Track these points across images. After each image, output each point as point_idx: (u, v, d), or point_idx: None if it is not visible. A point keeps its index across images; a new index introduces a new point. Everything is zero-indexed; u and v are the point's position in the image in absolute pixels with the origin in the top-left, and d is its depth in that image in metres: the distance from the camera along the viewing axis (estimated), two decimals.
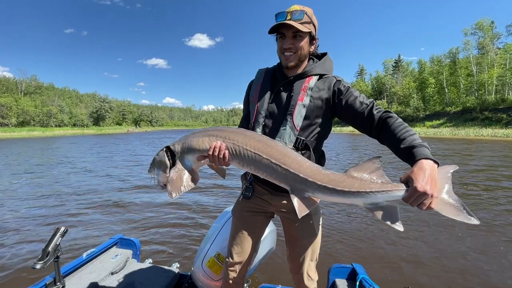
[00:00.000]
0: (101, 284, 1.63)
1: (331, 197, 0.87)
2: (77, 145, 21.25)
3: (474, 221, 0.74)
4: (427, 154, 0.79)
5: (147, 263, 1.99)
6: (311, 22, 1.06)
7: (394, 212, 0.82)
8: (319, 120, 1.11)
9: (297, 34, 1.05)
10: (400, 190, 0.79)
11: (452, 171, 0.83)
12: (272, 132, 1.13)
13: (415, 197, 0.75)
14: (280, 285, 1.70)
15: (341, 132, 48.79)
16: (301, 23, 1.03)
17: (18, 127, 51.18)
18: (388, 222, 0.81)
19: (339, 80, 1.10)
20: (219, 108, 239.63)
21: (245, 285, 1.72)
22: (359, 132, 1.14)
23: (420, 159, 0.78)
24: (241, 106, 1.40)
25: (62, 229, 1.33)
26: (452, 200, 0.79)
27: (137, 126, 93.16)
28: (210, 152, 0.97)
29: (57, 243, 1.29)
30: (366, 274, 1.64)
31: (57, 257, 1.29)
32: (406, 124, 0.93)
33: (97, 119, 73.72)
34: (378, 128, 0.98)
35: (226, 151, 0.97)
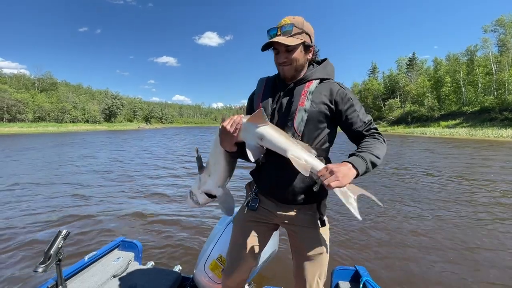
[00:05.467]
0: (103, 287, 1.62)
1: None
2: (95, 140, 21.61)
3: (358, 217, 0.91)
4: (355, 162, 0.93)
5: (149, 266, 1.97)
6: (302, 31, 1.04)
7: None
8: (323, 125, 1.09)
9: (289, 48, 1.04)
10: (321, 165, 0.94)
11: (365, 193, 0.95)
12: None
13: (324, 173, 0.89)
14: (283, 287, 1.68)
15: None
16: (291, 36, 1.02)
17: (34, 122, 52.70)
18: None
19: (342, 88, 1.08)
20: (228, 106, 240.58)
21: (247, 287, 1.70)
22: None
23: (348, 161, 0.94)
24: None
25: (64, 232, 1.31)
26: (352, 195, 0.94)
27: (148, 123, 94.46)
28: (226, 123, 1.01)
29: (59, 246, 1.28)
30: (370, 276, 1.60)
31: (59, 260, 1.28)
32: (380, 144, 1.02)
33: (109, 116, 75.05)
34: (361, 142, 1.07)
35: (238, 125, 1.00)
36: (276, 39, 1.00)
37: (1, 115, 48.95)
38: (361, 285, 1.53)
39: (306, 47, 1.08)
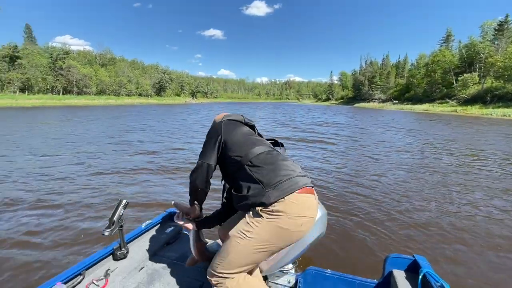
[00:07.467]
0: (158, 252, 1.83)
1: None
2: (152, 113, 22.47)
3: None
4: None
5: None
6: None
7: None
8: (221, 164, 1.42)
9: None
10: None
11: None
12: None
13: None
14: (329, 270, 1.62)
15: (412, 111, 42.19)
16: None
17: (97, 95, 58.26)
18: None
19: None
20: (273, 80, 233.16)
21: (292, 266, 1.66)
22: (434, 111, 1.14)
23: None
24: (296, 79, 1.26)
25: (124, 201, 1.49)
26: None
27: (194, 98, 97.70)
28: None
29: (120, 214, 1.45)
30: (431, 268, 1.42)
31: (121, 226, 1.48)
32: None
33: (159, 90, 79.20)
34: None
35: None
36: None
37: (71, 88, 55.05)
38: (420, 277, 1.38)
39: None
